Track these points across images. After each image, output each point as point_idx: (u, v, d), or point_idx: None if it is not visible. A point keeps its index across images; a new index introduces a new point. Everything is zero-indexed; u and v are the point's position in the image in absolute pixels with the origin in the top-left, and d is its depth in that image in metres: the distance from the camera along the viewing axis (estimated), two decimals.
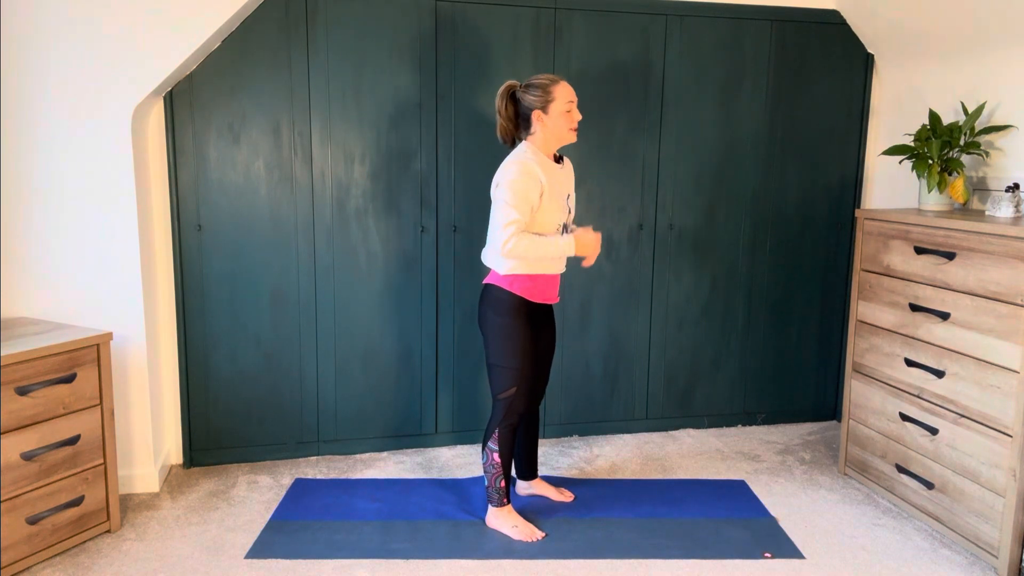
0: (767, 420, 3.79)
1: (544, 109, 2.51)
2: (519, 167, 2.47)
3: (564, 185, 2.60)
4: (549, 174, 2.51)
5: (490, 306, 2.59)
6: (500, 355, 2.60)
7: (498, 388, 2.63)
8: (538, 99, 2.51)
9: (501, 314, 2.57)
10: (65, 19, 2.64)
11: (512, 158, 2.52)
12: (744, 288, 3.64)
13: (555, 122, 2.53)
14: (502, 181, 2.48)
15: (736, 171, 3.53)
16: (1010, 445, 2.43)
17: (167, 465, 3.14)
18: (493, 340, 2.60)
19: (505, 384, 2.61)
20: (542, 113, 2.51)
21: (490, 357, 2.63)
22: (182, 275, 3.05)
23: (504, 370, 2.60)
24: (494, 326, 2.59)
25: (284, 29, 3.00)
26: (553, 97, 2.51)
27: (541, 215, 2.51)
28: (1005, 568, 2.46)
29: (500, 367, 2.61)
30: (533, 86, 2.52)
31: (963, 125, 2.95)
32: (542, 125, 2.53)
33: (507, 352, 2.58)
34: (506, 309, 2.57)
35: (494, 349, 2.61)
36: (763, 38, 3.45)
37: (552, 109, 2.51)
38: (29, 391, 2.38)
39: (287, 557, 2.53)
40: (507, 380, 2.61)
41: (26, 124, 2.67)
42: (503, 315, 2.57)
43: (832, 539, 2.71)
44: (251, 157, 3.05)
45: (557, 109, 2.51)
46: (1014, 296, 2.40)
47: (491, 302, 2.59)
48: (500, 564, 2.51)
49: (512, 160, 2.51)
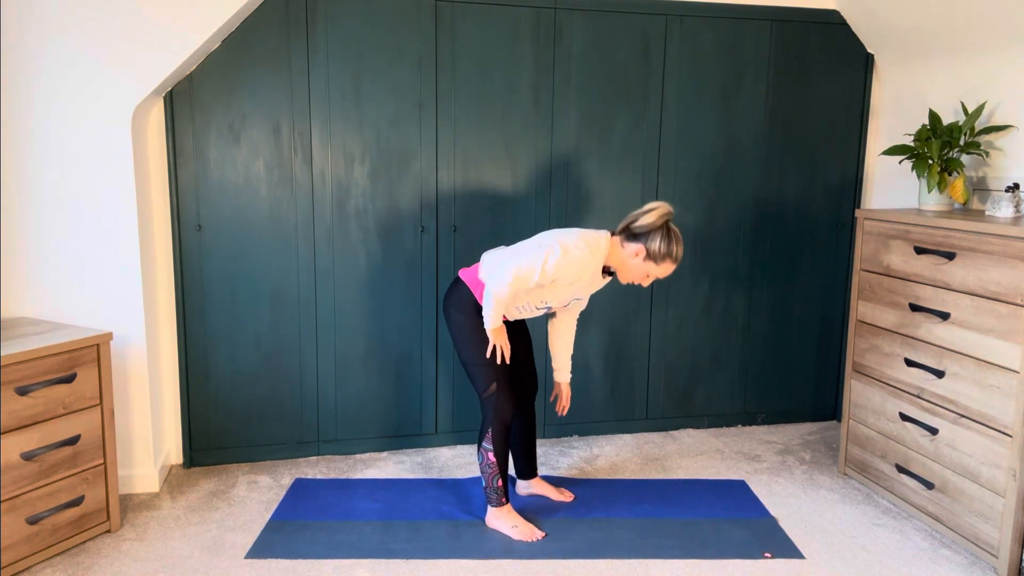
0: (767, 420, 3.79)
1: (646, 255, 2.48)
2: (576, 255, 2.44)
3: (586, 290, 2.59)
4: (587, 276, 2.51)
5: (453, 304, 2.62)
6: (470, 354, 2.62)
7: (479, 387, 2.64)
8: (654, 249, 2.46)
9: (465, 313, 2.59)
10: (65, 19, 2.64)
11: (582, 240, 2.48)
12: (744, 288, 3.64)
13: (637, 268, 2.51)
14: (555, 245, 2.43)
15: (736, 171, 3.53)
16: (1010, 445, 2.43)
17: (167, 465, 3.14)
18: (461, 340, 2.62)
19: (485, 382, 2.62)
20: (643, 254, 2.48)
21: (462, 356, 2.65)
22: (182, 275, 3.05)
23: (479, 368, 2.62)
24: (459, 325, 2.61)
25: (284, 29, 3.00)
26: (658, 262, 2.49)
27: (545, 288, 2.53)
28: (1005, 568, 2.46)
29: (474, 365, 2.62)
30: (665, 239, 2.46)
31: (963, 125, 2.95)
32: (631, 257, 2.50)
33: (477, 351, 2.60)
34: (469, 309, 2.60)
35: (464, 349, 2.63)
36: (763, 38, 3.45)
37: (648, 263, 2.50)
38: (29, 391, 2.38)
39: (287, 557, 2.53)
40: (485, 378, 2.62)
41: (26, 124, 2.67)
42: (467, 315, 2.59)
43: (832, 539, 2.71)
44: (251, 157, 3.05)
45: (648, 268, 2.51)
46: (1014, 296, 2.40)
47: (455, 299, 2.62)
48: (500, 564, 2.51)
49: (578, 242, 2.46)
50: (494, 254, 2.61)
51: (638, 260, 2.50)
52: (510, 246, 2.63)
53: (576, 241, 2.47)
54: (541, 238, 2.53)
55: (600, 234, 2.54)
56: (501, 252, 2.60)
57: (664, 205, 2.47)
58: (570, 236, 2.49)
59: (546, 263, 2.41)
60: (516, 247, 2.57)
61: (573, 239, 2.47)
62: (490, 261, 2.59)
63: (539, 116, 3.28)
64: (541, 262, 2.41)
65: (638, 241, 2.49)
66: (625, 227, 2.53)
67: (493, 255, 2.61)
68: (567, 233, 2.51)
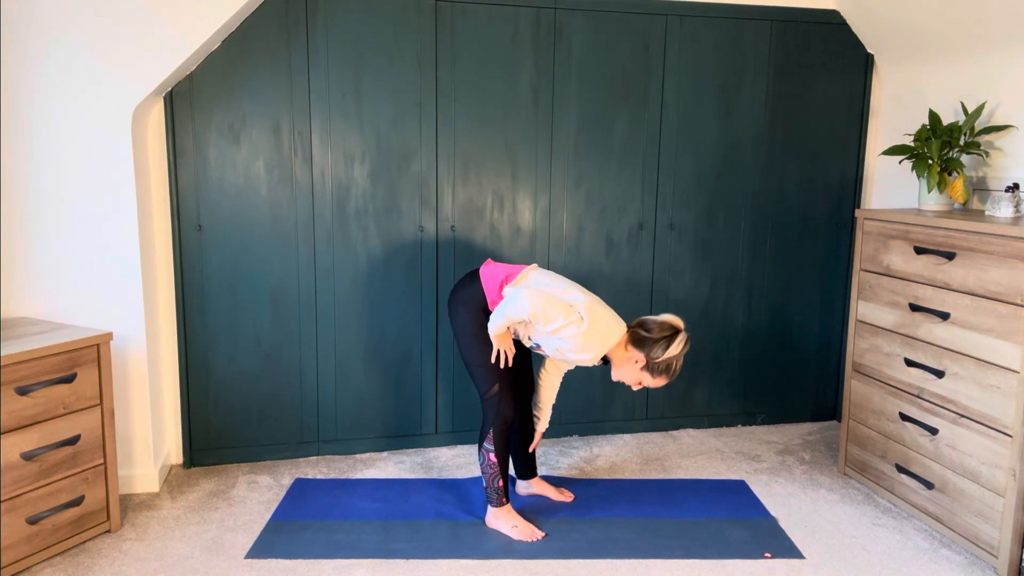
0: (767, 420, 3.79)
1: (644, 365, 2.50)
2: (592, 337, 2.44)
3: (576, 360, 2.56)
4: (586, 355, 2.50)
5: (462, 300, 2.62)
6: (473, 354, 2.62)
7: (482, 387, 2.64)
8: (654, 360, 2.48)
9: (472, 312, 2.60)
10: (65, 19, 2.64)
11: (607, 325, 2.48)
12: (744, 288, 3.64)
13: (632, 373, 2.53)
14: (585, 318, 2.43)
15: (736, 171, 3.53)
16: (1010, 445, 2.43)
17: (167, 465, 3.14)
18: (465, 340, 2.62)
19: (487, 382, 2.62)
20: (643, 363, 2.50)
21: (465, 356, 2.65)
22: (182, 275, 3.05)
23: (481, 369, 2.62)
24: (464, 323, 2.61)
25: (284, 29, 3.00)
26: (654, 375, 2.51)
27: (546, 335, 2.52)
28: (1005, 568, 2.46)
29: (477, 366, 2.62)
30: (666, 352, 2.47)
31: (963, 125, 2.95)
32: (629, 362, 2.52)
33: (480, 352, 2.60)
34: (476, 309, 2.60)
35: (467, 349, 2.63)
36: (763, 38, 3.46)
37: (643, 373, 2.52)
38: (29, 391, 2.38)
39: (287, 557, 2.53)
40: (488, 378, 2.62)
41: (26, 124, 2.67)
42: (473, 314, 2.60)
43: (832, 539, 2.71)
44: (251, 157, 3.05)
45: (643, 377, 2.53)
46: (1014, 296, 2.40)
47: (466, 295, 2.62)
48: (500, 564, 2.51)
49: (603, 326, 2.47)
50: (539, 280, 2.57)
51: (635, 367, 2.52)
52: (557, 280, 2.58)
53: (602, 325, 2.47)
54: (579, 295, 2.50)
55: (620, 326, 2.54)
56: (547, 281, 2.56)
57: (684, 334, 2.49)
58: (599, 316, 2.48)
59: (566, 327, 2.43)
60: (558, 286, 2.55)
61: (601, 321, 2.47)
62: (532, 281, 2.56)
63: (539, 116, 3.28)
64: (563, 323, 2.42)
65: (642, 349, 2.49)
66: (636, 327, 2.53)
67: (537, 280, 2.57)
68: (599, 310, 2.49)
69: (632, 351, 2.51)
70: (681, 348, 2.49)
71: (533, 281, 2.57)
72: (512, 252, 3.35)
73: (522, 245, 3.36)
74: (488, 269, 2.66)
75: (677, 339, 2.48)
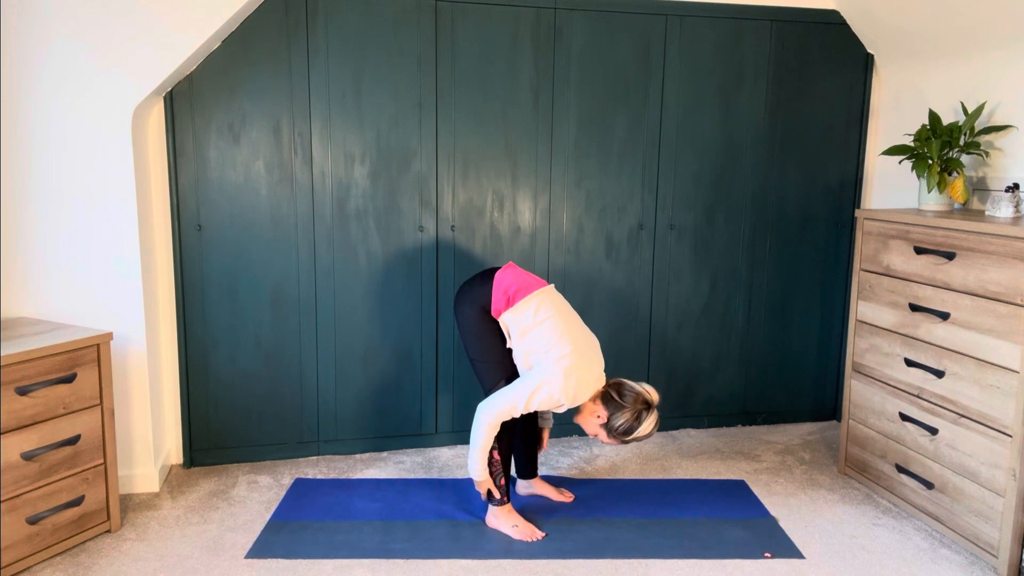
0: (767, 420, 3.79)
1: (604, 423, 2.54)
2: (566, 383, 2.47)
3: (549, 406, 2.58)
4: (560, 401, 2.51)
5: (468, 299, 2.63)
6: (479, 350, 2.63)
7: (488, 383, 2.65)
8: (615, 424, 2.52)
9: (476, 311, 2.61)
10: (65, 19, 2.64)
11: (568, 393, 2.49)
12: (744, 288, 3.64)
13: (592, 424, 2.58)
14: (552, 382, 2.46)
15: (736, 171, 3.53)
16: (1010, 445, 2.43)
17: (167, 465, 3.14)
18: (469, 337, 2.64)
19: (493, 378, 2.63)
20: (602, 419, 2.54)
21: (469, 352, 2.67)
22: (182, 275, 3.05)
23: (488, 364, 2.63)
24: (468, 321, 2.62)
25: (284, 29, 3.00)
26: (609, 435, 2.55)
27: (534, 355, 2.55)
28: (1005, 568, 2.46)
29: (483, 362, 2.63)
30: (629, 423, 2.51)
31: (963, 125, 2.95)
32: (592, 415, 2.56)
33: (484, 348, 2.62)
34: (482, 305, 2.61)
35: (471, 345, 2.64)
36: (763, 38, 3.46)
37: (602, 427, 2.56)
38: (29, 391, 2.38)
39: (287, 557, 2.53)
40: (494, 373, 2.63)
41: (26, 124, 2.67)
42: (477, 312, 2.61)
43: (832, 539, 2.71)
44: (251, 157, 3.05)
45: (600, 432, 2.57)
46: (1014, 296, 2.40)
47: (472, 296, 2.62)
48: (500, 564, 2.51)
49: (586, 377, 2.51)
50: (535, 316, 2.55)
51: (596, 421, 2.56)
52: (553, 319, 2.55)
53: (574, 386, 2.48)
54: (566, 347, 2.50)
55: (599, 381, 2.58)
56: (543, 317, 2.54)
57: (655, 415, 2.55)
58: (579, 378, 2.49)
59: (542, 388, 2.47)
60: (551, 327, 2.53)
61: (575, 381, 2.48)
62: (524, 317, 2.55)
63: (539, 116, 3.28)
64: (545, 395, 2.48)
65: (607, 408, 2.53)
66: (613, 386, 2.56)
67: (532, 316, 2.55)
68: (581, 369, 2.50)
69: (599, 406, 2.55)
70: (649, 431, 2.54)
71: (526, 317, 2.54)
72: (512, 252, 3.35)
73: (522, 245, 3.36)
74: (505, 274, 2.64)
75: (648, 418, 2.52)
